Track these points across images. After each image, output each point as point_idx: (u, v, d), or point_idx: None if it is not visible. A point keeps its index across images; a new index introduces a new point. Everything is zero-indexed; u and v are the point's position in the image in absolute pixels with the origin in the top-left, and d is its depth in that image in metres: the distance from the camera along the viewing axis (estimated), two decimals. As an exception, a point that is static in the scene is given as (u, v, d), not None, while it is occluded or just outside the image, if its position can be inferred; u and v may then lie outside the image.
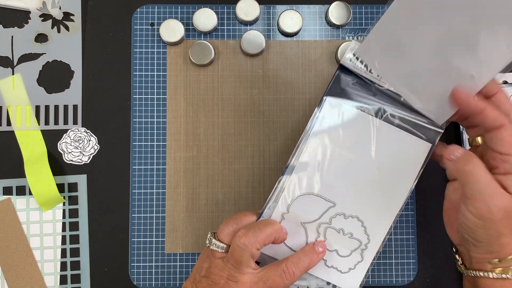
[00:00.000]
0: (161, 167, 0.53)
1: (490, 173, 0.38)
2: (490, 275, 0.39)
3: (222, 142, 0.54)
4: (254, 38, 0.53)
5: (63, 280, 0.52)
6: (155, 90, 0.54)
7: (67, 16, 0.54)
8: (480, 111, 0.38)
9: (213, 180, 0.53)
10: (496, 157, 0.38)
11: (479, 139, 0.43)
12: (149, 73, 0.54)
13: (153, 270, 0.52)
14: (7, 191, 0.53)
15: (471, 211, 0.38)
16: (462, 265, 0.44)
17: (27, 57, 0.54)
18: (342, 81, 0.45)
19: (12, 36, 0.54)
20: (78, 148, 0.53)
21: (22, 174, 0.52)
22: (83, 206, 0.53)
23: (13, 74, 0.54)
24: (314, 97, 0.54)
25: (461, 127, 0.52)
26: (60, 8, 0.54)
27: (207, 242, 0.43)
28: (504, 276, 0.39)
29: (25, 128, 0.53)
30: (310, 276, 0.46)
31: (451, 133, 0.54)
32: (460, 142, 0.53)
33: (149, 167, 0.53)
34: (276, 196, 0.45)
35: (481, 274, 0.40)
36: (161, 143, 0.53)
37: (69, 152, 0.53)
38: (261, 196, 0.53)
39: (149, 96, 0.54)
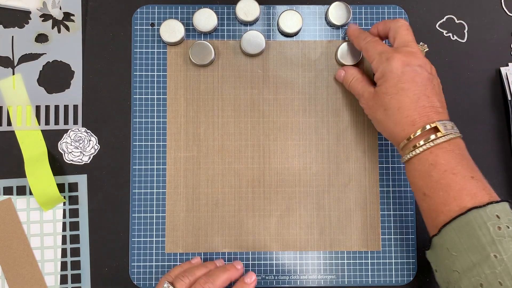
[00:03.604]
0: (161, 167, 0.53)
1: (364, 79, 0.50)
2: (407, 157, 0.44)
3: (222, 142, 0.54)
4: (254, 38, 0.53)
5: (63, 279, 0.52)
6: (155, 90, 0.54)
7: (67, 16, 0.54)
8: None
9: (213, 180, 0.53)
10: None
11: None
12: (149, 73, 0.54)
13: (153, 270, 0.52)
14: (8, 191, 0.53)
15: (363, 108, 0.49)
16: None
17: (27, 57, 0.54)
18: None
19: (13, 36, 0.54)
20: (78, 148, 0.53)
21: (22, 174, 0.52)
22: (83, 206, 0.53)
23: (13, 74, 0.54)
24: (314, 97, 0.54)
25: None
26: (60, 8, 0.54)
27: None
28: (412, 153, 0.44)
29: (25, 128, 0.53)
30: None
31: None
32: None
33: (149, 167, 0.53)
34: None
35: (407, 157, 0.45)
36: (161, 143, 0.53)
37: (70, 152, 0.53)
38: (261, 196, 0.53)
39: (149, 96, 0.54)
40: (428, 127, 0.43)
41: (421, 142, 0.43)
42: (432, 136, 0.43)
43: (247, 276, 0.48)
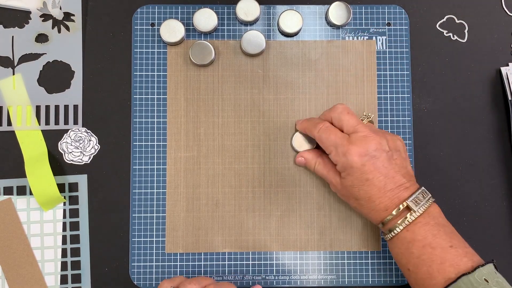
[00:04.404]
0: (161, 167, 0.53)
1: (329, 162, 0.50)
2: (388, 236, 0.46)
3: (222, 142, 0.54)
4: (254, 38, 0.53)
5: (63, 279, 0.52)
6: (156, 90, 0.54)
7: (67, 16, 0.54)
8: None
9: (213, 180, 0.53)
10: None
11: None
12: (149, 73, 0.54)
13: (153, 270, 0.52)
14: (8, 191, 0.53)
15: (335, 192, 0.50)
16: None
17: (27, 57, 0.54)
18: None
19: (13, 36, 0.54)
20: (78, 148, 0.53)
21: (22, 174, 0.52)
22: (83, 206, 0.53)
23: (13, 74, 0.54)
24: (314, 97, 0.54)
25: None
26: (60, 8, 0.54)
27: None
28: (391, 234, 0.45)
29: (25, 128, 0.53)
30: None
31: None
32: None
33: (149, 167, 0.53)
34: None
35: (388, 237, 0.46)
36: (161, 143, 0.53)
37: (70, 152, 0.53)
38: (261, 196, 0.53)
39: (149, 96, 0.54)
40: (401, 207, 0.44)
41: (398, 223, 0.44)
42: (408, 215, 0.44)
43: None
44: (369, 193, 0.45)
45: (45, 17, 0.54)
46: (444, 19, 0.56)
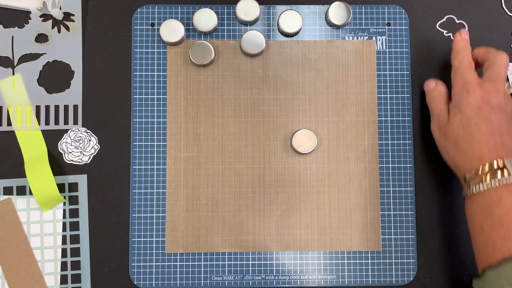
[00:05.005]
0: (161, 167, 0.53)
1: (446, 102, 0.50)
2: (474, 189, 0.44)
3: (222, 142, 0.54)
4: (254, 38, 0.53)
5: (63, 280, 0.52)
6: (155, 90, 0.54)
7: (67, 16, 0.54)
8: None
9: (213, 180, 0.53)
10: None
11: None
12: (149, 73, 0.54)
13: (153, 270, 0.52)
14: (8, 191, 0.53)
15: (433, 130, 0.50)
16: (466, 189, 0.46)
17: (27, 57, 0.54)
18: None
19: (13, 36, 0.54)
20: (78, 148, 0.53)
21: (22, 174, 0.52)
22: (83, 206, 0.53)
23: (13, 74, 0.54)
24: (314, 97, 0.54)
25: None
26: (60, 8, 0.54)
27: None
28: (476, 189, 0.43)
29: (25, 128, 0.53)
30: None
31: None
32: None
33: (149, 167, 0.53)
34: None
35: (470, 192, 0.45)
36: (161, 143, 0.53)
37: (70, 152, 0.53)
38: (261, 196, 0.53)
39: (149, 96, 0.54)
40: (495, 163, 0.43)
41: (488, 179, 0.43)
42: (499, 174, 0.43)
43: None
44: (472, 136, 0.45)
45: (45, 17, 0.54)
46: (444, 19, 0.56)
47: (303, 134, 0.52)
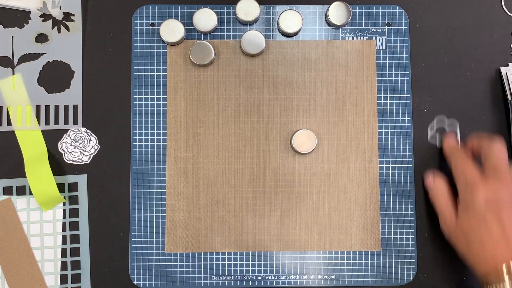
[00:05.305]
0: (161, 167, 0.53)
1: (450, 198, 0.49)
2: None
3: (222, 142, 0.54)
4: (254, 38, 0.53)
5: (63, 279, 0.52)
6: (155, 90, 0.54)
7: (67, 16, 0.54)
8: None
9: (213, 180, 0.53)
10: None
11: None
12: (149, 73, 0.54)
13: (153, 270, 0.52)
14: (8, 191, 0.53)
15: (442, 229, 0.49)
16: None
17: (27, 57, 0.54)
18: None
19: (13, 36, 0.54)
20: (78, 148, 0.53)
21: (22, 174, 0.52)
22: (83, 206, 0.53)
23: (13, 74, 0.54)
24: (314, 97, 0.54)
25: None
26: (60, 8, 0.54)
27: None
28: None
29: (25, 128, 0.53)
30: None
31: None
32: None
33: (149, 167, 0.53)
34: None
35: None
36: (161, 143, 0.53)
37: (70, 152, 0.53)
38: (261, 196, 0.53)
39: (149, 96, 0.54)
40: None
41: (506, 280, 0.42)
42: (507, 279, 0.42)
43: None
44: (482, 237, 0.44)
45: (45, 17, 0.54)
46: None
47: (303, 134, 0.52)
